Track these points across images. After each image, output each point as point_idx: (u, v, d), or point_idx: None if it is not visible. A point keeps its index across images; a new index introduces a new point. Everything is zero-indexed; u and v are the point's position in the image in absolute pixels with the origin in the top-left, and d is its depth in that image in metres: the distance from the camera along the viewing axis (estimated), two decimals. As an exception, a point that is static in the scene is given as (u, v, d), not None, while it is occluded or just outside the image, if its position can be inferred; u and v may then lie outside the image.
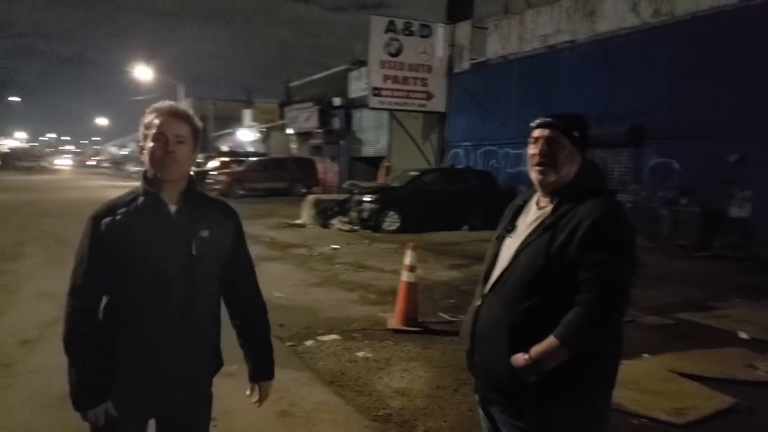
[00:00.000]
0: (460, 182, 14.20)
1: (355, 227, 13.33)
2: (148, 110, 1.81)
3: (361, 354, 4.85)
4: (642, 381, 4.27)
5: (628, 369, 4.51)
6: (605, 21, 13.45)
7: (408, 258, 5.76)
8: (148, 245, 1.74)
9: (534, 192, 1.91)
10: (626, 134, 12.17)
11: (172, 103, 1.83)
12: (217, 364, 1.97)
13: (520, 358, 1.67)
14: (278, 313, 6.02)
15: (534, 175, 1.84)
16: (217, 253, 1.85)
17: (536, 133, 1.85)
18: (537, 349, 1.65)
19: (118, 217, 1.74)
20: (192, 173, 1.90)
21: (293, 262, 9.15)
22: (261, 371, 2.03)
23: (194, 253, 1.77)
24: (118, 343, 1.76)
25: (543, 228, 1.75)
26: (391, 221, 13.25)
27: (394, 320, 5.70)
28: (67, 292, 1.78)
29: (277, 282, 7.61)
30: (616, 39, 13.17)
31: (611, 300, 1.63)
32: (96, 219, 1.76)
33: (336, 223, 13.89)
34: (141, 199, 1.78)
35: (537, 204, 1.88)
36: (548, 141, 1.81)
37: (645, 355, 4.91)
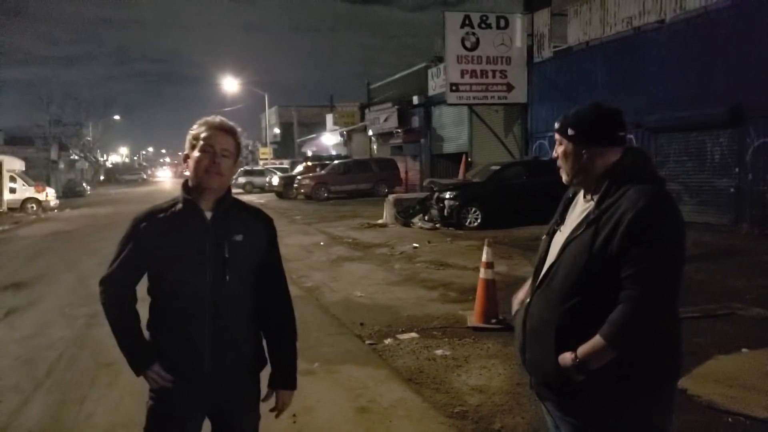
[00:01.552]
0: (546, 174, 13.66)
1: (436, 225, 13.34)
2: (198, 122, 1.92)
3: (439, 352, 4.88)
4: (739, 377, 4.01)
5: (723, 364, 4.26)
6: (695, -3, 12.54)
7: (485, 255, 5.71)
8: (181, 248, 1.85)
9: None
10: (726, 114, 11.29)
11: (221, 117, 1.94)
12: (258, 363, 2.02)
13: (567, 358, 1.65)
14: (359, 312, 6.21)
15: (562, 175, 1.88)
16: (250, 256, 1.93)
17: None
18: (584, 348, 1.62)
19: (157, 222, 1.88)
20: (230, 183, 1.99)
21: (375, 262, 9.33)
22: (280, 378, 2.03)
23: (227, 255, 1.86)
24: (159, 339, 1.91)
25: (587, 223, 1.70)
26: (473, 217, 13.13)
27: (473, 318, 5.67)
28: (99, 280, 1.97)
29: (359, 281, 7.81)
30: (708, 14, 12.24)
31: (654, 296, 1.57)
32: (136, 221, 1.92)
33: (417, 221, 13.96)
34: (179, 205, 1.91)
35: (584, 197, 1.84)
36: (559, 144, 1.85)
37: (744, 350, 4.58)
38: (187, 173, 1.94)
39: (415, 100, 24.33)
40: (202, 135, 1.88)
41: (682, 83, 12.59)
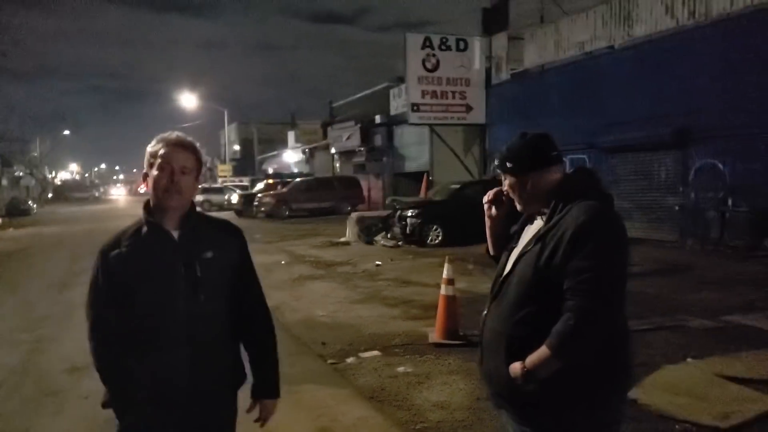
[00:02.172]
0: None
1: (399, 243, 13.46)
2: (155, 139, 1.87)
3: (401, 369, 4.94)
4: (686, 386, 4.20)
5: (671, 373, 4.45)
6: (642, 25, 13.25)
7: (446, 271, 5.82)
8: (152, 272, 1.81)
9: None
10: (670, 136, 11.88)
11: (178, 133, 1.90)
12: (237, 379, 2.01)
13: (517, 368, 1.73)
14: (321, 331, 6.21)
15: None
16: (223, 273, 1.90)
17: None
18: (531, 358, 1.71)
19: (124, 249, 1.83)
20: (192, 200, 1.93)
21: (337, 280, 9.35)
22: (263, 388, 2.01)
23: (198, 274, 1.82)
24: (134, 366, 1.84)
25: (536, 239, 1.80)
26: (435, 235, 13.32)
27: (435, 334, 5.75)
28: (87, 329, 1.90)
29: (321, 300, 7.81)
30: (654, 42, 12.93)
31: (593, 306, 1.65)
32: (104, 253, 1.86)
33: (380, 239, 14.05)
34: (144, 228, 1.85)
35: (540, 215, 1.94)
36: (504, 179, 1.96)
37: (689, 359, 4.81)
38: (145, 191, 1.90)
39: (378, 119, 24.61)
40: (160, 152, 1.83)
41: (632, 106, 13.18)
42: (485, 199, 2.09)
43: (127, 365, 1.85)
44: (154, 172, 1.82)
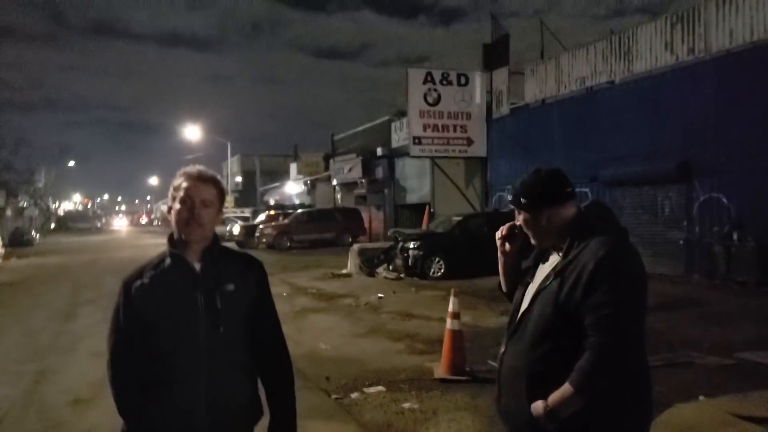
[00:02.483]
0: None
1: (401, 275, 13.37)
2: (178, 173, 1.90)
3: (407, 405, 4.83)
4: (698, 425, 4.11)
5: (683, 412, 4.34)
6: (642, 60, 13.44)
7: (452, 305, 5.75)
8: (174, 305, 1.82)
9: None
10: (674, 170, 11.93)
11: (200, 167, 1.92)
12: (255, 413, 1.98)
13: (539, 406, 1.69)
14: (324, 366, 6.10)
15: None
16: (243, 305, 1.90)
17: None
18: (554, 397, 1.67)
19: (146, 280, 1.84)
20: (216, 232, 1.96)
21: (340, 313, 9.24)
22: (280, 427, 1.98)
23: (219, 307, 1.83)
24: (150, 398, 1.83)
25: (554, 274, 1.78)
26: (437, 267, 13.24)
27: (440, 369, 5.64)
28: (107, 360, 1.89)
29: (323, 334, 7.70)
30: (654, 78, 13.11)
31: (615, 342, 1.63)
32: (127, 284, 1.88)
33: (382, 271, 13.96)
34: (167, 261, 1.87)
35: (554, 249, 1.93)
36: (518, 215, 1.95)
37: (702, 397, 4.70)
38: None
39: (379, 151, 24.78)
40: (182, 186, 1.86)
41: (633, 140, 13.28)
42: (498, 234, 2.07)
43: (145, 397, 1.84)
44: (177, 205, 1.85)
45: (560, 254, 1.84)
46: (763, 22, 10.77)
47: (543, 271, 1.89)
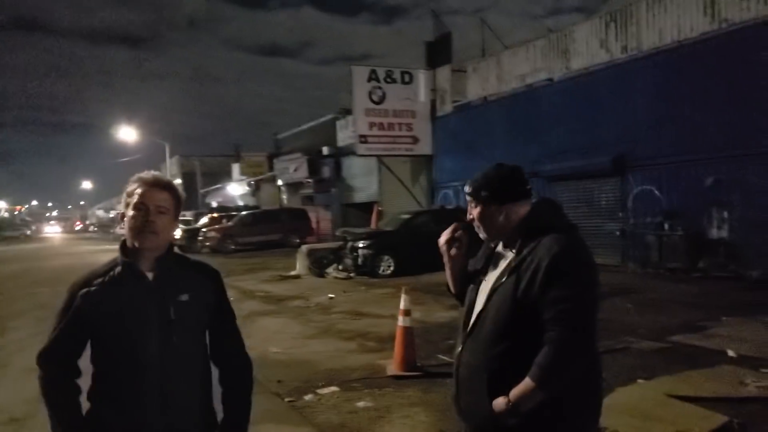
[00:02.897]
0: (452, 222, 14.28)
1: (350, 274, 13.36)
2: (131, 179, 1.83)
3: (361, 404, 4.83)
4: (639, 406, 4.30)
5: (624, 395, 4.55)
6: (579, 58, 13.96)
7: (403, 302, 5.80)
8: (123, 315, 1.74)
9: None
10: (609, 164, 12.45)
11: (156, 173, 1.86)
12: (209, 425, 1.92)
13: (501, 403, 1.72)
14: (276, 369, 6.02)
15: (480, 235, 1.98)
16: (198, 316, 1.85)
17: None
18: (515, 392, 1.70)
19: (94, 288, 1.77)
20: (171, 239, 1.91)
21: (289, 315, 9.14)
22: (229, 427, 1.95)
23: (172, 317, 1.77)
24: (102, 410, 1.77)
25: (509, 271, 1.81)
26: (386, 265, 13.31)
27: (393, 366, 5.69)
28: (36, 355, 1.82)
29: (274, 336, 7.60)
30: (591, 75, 13.64)
31: (574, 336, 1.68)
32: (73, 289, 1.80)
33: (331, 271, 13.91)
34: (118, 268, 1.80)
35: (505, 247, 1.95)
36: (474, 207, 1.95)
37: (640, 380, 4.94)
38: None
39: (325, 150, 24.65)
40: (136, 192, 1.79)
41: (571, 135, 13.77)
42: (442, 240, 2.06)
43: (75, 399, 1.79)
44: (130, 212, 1.79)
45: (513, 251, 1.87)
46: (689, 22, 11.40)
47: (497, 267, 1.90)
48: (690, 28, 11.37)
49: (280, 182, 30.29)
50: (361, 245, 13.40)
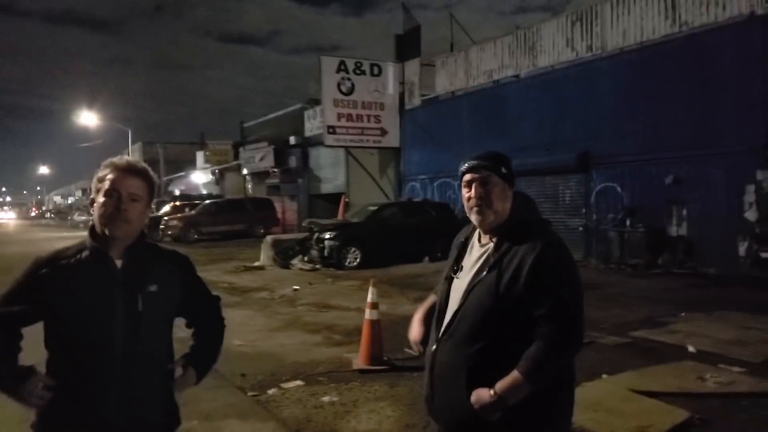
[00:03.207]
0: (419, 215, 14.36)
1: (316, 266, 13.25)
2: (104, 163, 1.77)
3: (326, 398, 4.77)
4: (603, 401, 4.37)
5: (588, 390, 4.61)
6: (545, 56, 14.12)
7: (370, 295, 5.76)
8: (87, 301, 1.68)
9: (475, 228, 1.94)
10: (574, 161, 12.66)
11: (129, 158, 1.80)
12: (171, 421, 1.88)
13: (484, 395, 1.68)
14: (239, 362, 5.90)
15: (473, 217, 1.87)
16: (167, 307, 1.81)
17: (468, 176, 1.87)
18: (502, 384, 1.67)
19: (59, 268, 1.70)
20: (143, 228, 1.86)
21: (254, 307, 8.99)
22: (195, 357, 1.94)
23: (140, 309, 1.71)
24: (58, 399, 1.69)
25: (489, 266, 1.77)
26: (353, 257, 13.25)
27: (359, 360, 5.64)
28: None
29: (238, 329, 7.44)
30: (556, 72, 13.82)
31: (569, 331, 1.69)
32: (37, 262, 1.74)
33: (297, 263, 13.76)
34: (85, 252, 1.73)
35: (479, 241, 1.90)
36: (481, 182, 1.83)
37: (604, 375, 5.02)
38: (87, 218, 1.75)
39: (292, 140, 24.35)
40: (108, 177, 1.72)
41: (537, 131, 13.95)
42: (415, 339, 2.05)
43: (11, 353, 1.74)
44: (101, 198, 1.72)
45: (491, 243, 1.83)
46: (651, 23, 11.65)
47: (471, 263, 1.86)
48: (652, 30, 11.63)
49: (245, 171, 29.81)
50: (327, 236, 13.30)
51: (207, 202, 25.72)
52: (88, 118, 39.11)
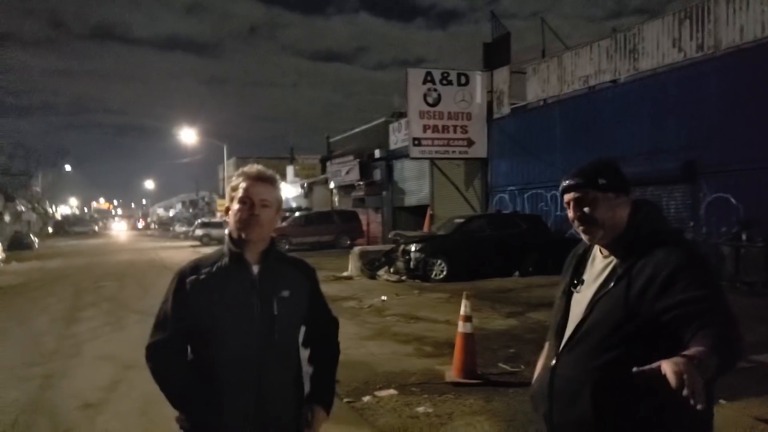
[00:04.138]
0: (508, 227, 13.93)
1: (402, 277, 13.18)
2: (236, 173, 1.88)
3: (421, 409, 4.65)
4: (725, 429, 3.93)
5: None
6: (648, 58, 13.32)
7: (463, 308, 5.58)
8: (229, 306, 1.76)
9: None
10: (679, 170, 11.80)
11: (259, 167, 1.88)
12: (299, 427, 1.93)
13: (679, 360, 1.26)
14: (333, 369, 5.90)
15: (583, 237, 1.77)
16: (297, 313, 1.88)
17: (566, 197, 1.77)
18: (693, 351, 1.34)
19: (203, 276, 1.79)
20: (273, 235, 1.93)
21: (344, 316, 9.03)
22: (317, 395, 1.97)
23: (275, 313, 1.79)
24: (195, 406, 1.79)
25: (617, 277, 1.64)
26: (439, 270, 13.06)
27: (452, 373, 5.48)
28: (145, 346, 1.84)
29: (330, 336, 7.50)
30: (660, 75, 12.99)
31: (731, 327, 1.46)
32: (181, 277, 1.82)
33: (383, 274, 13.78)
34: (225, 259, 1.82)
35: (601, 252, 1.77)
36: (578, 202, 1.72)
37: (722, 401, 4.52)
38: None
39: (377, 153, 24.61)
40: (241, 185, 1.83)
41: (636, 139, 13.15)
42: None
43: (192, 403, 1.81)
44: (235, 205, 1.82)
45: (610, 255, 1.71)
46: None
47: (594, 276, 1.74)
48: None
49: (332, 185, 30.49)
50: (413, 248, 13.20)
51: (297, 214, 26.62)
52: (187, 135, 41.76)
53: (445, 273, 12.97)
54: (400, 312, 9.15)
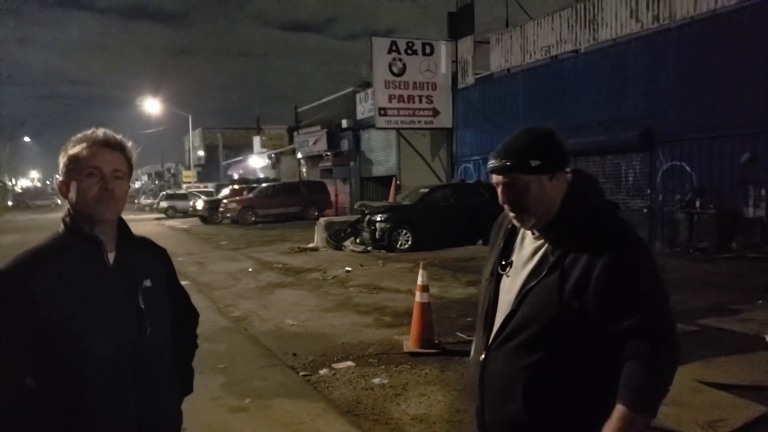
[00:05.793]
0: (472, 196, 14.05)
1: (368, 248, 13.25)
2: (74, 139, 1.52)
3: (377, 380, 4.73)
4: (671, 393, 4.10)
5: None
6: (607, 28, 13.41)
7: (421, 278, 5.65)
8: (92, 304, 1.46)
9: None
10: (637, 139, 12.02)
11: (105, 130, 1.55)
12: (179, 426, 1.74)
13: None
14: (291, 342, 5.95)
15: (514, 222, 1.61)
16: (163, 301, 1.63)
17: (494, 179, 1.58)
18: (610, 427, 1.40)
19: (48, 272, 1.44)
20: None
21: (307, 288, 9.07)
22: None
23: (142, 306, 1.53)
24: (69, 424, 1.45)
25: (548, 267, 1.50)
26: (404, 239, 13.17)
27: (410, 343, 5.56)
28: None
29: (290, 309, 7.53)
30: (619, 45, 13.11)
31: (665, 342, 1.42)
32: (15, 277, 1.41)
33: (349, 244, 13.82)
34: (75, 246, 1.49)
35: (532, 233, 1.61)
36: (507, 186, 1.54)
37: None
38: (63, 203, 1.53)
39: (344, 123, 24.39)
40: (84, 155, 1.48)
41: (597, 108, 13.32)
42: None
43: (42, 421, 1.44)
44: (82, 178, 1.48)
45: (538, 236, 1.57)
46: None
47: (523, 260, 1.59)
48: (728, -4, 10.79)
49: (299, 155, 30.18)
50: (378, 218, 13.24)
51: (263, 185, 26.30)
52: (152, 106, 40.59)
53: (410, 243, 13.08)
54: (363, 283, 9.21)
